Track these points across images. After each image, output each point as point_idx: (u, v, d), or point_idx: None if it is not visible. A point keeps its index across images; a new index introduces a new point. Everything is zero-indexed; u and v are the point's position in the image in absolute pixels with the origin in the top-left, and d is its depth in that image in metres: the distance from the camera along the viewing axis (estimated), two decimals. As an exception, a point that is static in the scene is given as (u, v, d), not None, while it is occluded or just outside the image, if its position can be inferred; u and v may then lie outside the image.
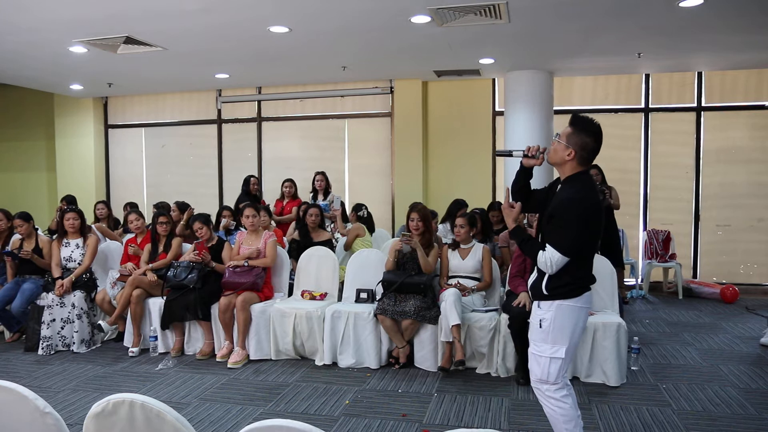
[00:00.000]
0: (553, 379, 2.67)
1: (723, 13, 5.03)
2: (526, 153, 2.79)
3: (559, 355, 2.64)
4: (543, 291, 2.66)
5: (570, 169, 2.65)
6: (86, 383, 4.34)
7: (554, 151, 2.68)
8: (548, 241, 2.59)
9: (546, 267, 2.59)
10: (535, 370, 2.72)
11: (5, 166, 9.86)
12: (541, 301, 2.70)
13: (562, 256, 2.54)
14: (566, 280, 2.61)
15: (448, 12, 5.00)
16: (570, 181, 2.65)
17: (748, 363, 4.63)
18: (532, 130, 7.21)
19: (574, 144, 2.61)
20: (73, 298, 5.14)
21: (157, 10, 4.91)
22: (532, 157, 2.78)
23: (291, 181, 7.36)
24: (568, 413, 2.68)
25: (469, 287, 4.63)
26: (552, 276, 2.62)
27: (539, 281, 2.69)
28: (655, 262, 7.36)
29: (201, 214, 5.26)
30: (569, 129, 2.65)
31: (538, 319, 2.69)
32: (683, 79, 7.72)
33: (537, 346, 2.70)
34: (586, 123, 2.63)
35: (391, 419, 3.61)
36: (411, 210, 4.86)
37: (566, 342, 2.64)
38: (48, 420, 1.71)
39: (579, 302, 2.64)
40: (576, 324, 2.65)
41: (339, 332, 4.66)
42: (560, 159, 2.65)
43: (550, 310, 2.64)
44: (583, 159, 2.64)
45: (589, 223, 2.57)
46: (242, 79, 8.01)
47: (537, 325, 2.69)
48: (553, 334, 2.64)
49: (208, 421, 3.60)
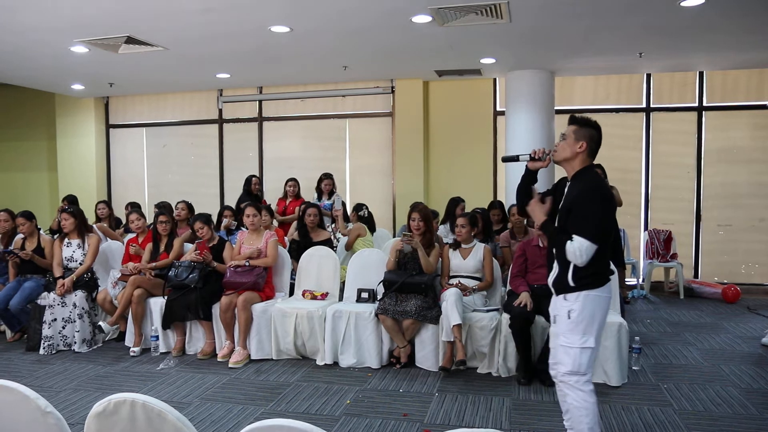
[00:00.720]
0: (584, 369, 2.71)
1: (724, 12, 5.02)
2: (533, 156, 2.92)
3: (589, 345, 2.70)
4: (569, 283, 2.72)
5: (580, 163, 2.79)
6: (87, 383, 4.34)
7: (563, 148, 2.82)
8: (575, 233, 2.65)
9: (576, 257, 2.64)
10: (566, 362, 2.74)
11: (6, 166, 9.87)
12: (566, 293, 2.75)
13: (591, 243, 2.61)
14: (591, 270, 2.68)
15: (449, 12, 5.00)
16: (581, 175, 2.78)
17: (750, 363, 4.62)
18: (533, 129, 7.21)
19: (583, 137, 2.78)
20: (75, 297, 5.15)
21: (158, 9, 4.91)
22: (539, 160, 2.90)
23: (294, 181, 7.35)
24: (592, 406, 2.73)
25: (470, 287, 4.63)
26: (578, 267, 2.68)
27: (564, 274, 2.75)
28: (656, 262, 7.35)
29: (202, 214, 5.27)
30: (574, 126, 2.83)
31: (566, 311, 2.73)
32: (684, 79, 7.71)
33: (566, 338, 2.73)
34: (586, 119, 2.83)
35: (392, 419, 3.61)
36: (412, 210, 4.86)
37: (594, 331, 2.71)
38: (49, 420, 1.71)
39: (604, 291, 2.73)
40: (602, 313, 2.74)
41: (340, 332, 4.66)
42: (571, 153, 2.79)
43: (577, 301, 2.70)
44: (592, 151, 2.80)
45: (607, 210, 2.70)
46: (243, 78, 8.01)
47: (565, 317, 2.73)
48: (582, 324, 2.70)
49: (209, 421, 3.60)
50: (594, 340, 2.71)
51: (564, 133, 2.85)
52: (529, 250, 4.59)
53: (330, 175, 7.21)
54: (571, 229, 2.67)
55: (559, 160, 2.85)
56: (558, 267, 2.81)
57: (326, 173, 7.22)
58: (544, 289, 4.38)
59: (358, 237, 5.93)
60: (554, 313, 2.85)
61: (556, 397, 3.92)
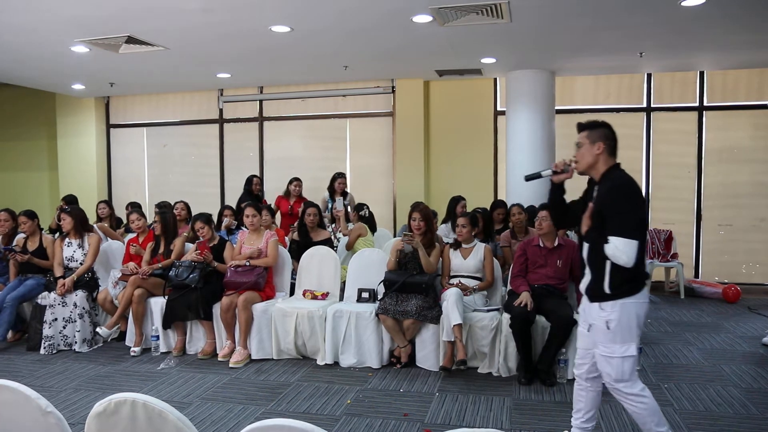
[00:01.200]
0: (628, 377, 2.69)
1: (725, 12, 5.02)
2: (555, 170, 2.90)
3: (630, 353, 2.67)
4: (605, 290, 2.66)
5: (603, 165, 2.75)
6: (88, 383, 4.34)
7: (582, 156, 2.79)
8: (610, 234, 2.60)
9: (617, 258, 2.58)
10: (609, 372, 2.71)
11: (7, 165, 9.88)
12: (602, 302, 2.70)
13: (628, 240, 2.56)
14: (627, 277, 2.63)
15: (449, 11, 5.00)
16: (607, 176, 2.74)
17: (751, 363, 4.62)
18: (533, 129, 7.21)
19: (598, 138, 2.75)
20: (75, 297, 5.15)
21: (159, 9, 4.91)
22: (562, 172, 2.89)
23: (299, 180, 7.31)
24: (651, 405, 2.70)
25: (471, 287, 4.63)
26: (614, 274, 2.63)
27: (599, 282, 2.70)
28: (656, 262, 7.34)
29: (202, 213, 5.26)
30: (585, 132, 2.79)
31: (603, 321, 2.68)
32: (685, 79, 7.71)
33: (606, 348, 2.69)
34: (592, 121, 2.81)
35: (393, 419, 3.61)
36: (413, 210, 4.86)
37: (635, 338, 2.68)
38: (50, 419, 1.71)
39: (641, 298, 2.68)
40: (640, 319, 2.69)
41: (341, 332, 4.66)
42: (592, 158, 2.76)
43: (614, 310, 2.66)
44: (611, 148, 2.76)
45: (636, 204, 2.65)
46: (244, 78, 8.01)
47: (603, 328, 2.68)
48: (621, 333, 2.66)
49: (209, 421, 3.60)
50: (635, 347, 2.67)
51: (578, 142, 2.81)
52: (530, 250, 4.59)
53: (343, 174, 7.16)
54: (607, 231, 2.62)
55: (583, 169, 2.81)
56: (591, 274, 2.76)
57: (339, 172, 7.18)
58: (544, 289, 4.41)
59: (359, 237, 5.93)
60: (590, 321, 2.78)
61: (557, 397, 3.94)
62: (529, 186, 7.07)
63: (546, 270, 4.49)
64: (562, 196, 2.98)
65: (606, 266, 2.66)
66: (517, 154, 7.31)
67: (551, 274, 4.47)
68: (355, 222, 6.16)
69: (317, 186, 8.49)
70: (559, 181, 2.94)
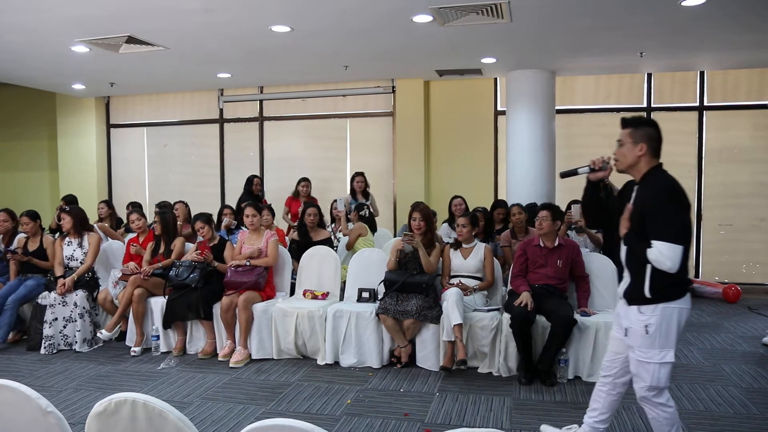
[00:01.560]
0: (663, 384, 2.61)
1: (725, 12, 5.02)
2: (592, 167, 2.81)
3: (668, 360, 2.59)
4: (646, 294, 2.58)
5: (645, 165, 2.65)
6: (88, 382, 4.34)
7: (623, 155, 2.69)
8: (653, 238, 2.50)
9: (661, 263, 2.48)
10: (644, 377, 2.62)
11: (7, 165, 9.88)
12: (641, 305, 2.61)
13: (673, 245, 2.46)
14: (669, 281, 2.54)
15: (449, 11, 5.00)
16: (649, 177, 2.64)
17: (751, 363, 4.62)
18: (534, 129, 7.21)
19: (641, 138, 2.64)
20: (75, 297, 5.15)
21: (159, 9, 4.91)
22: (600, 170, 2.80)
23: (307, 181, 7.25)
24: (673, 416, 2.65)
25: (471, 287, 4.63)
26: (655, 277, 2.55)
27: (638, 285, 2.61)
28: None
29: (202, 213, 5.26)
30: (628, 130, 2.68)
31: (642, 325, 2.59)
32: (685, 79, 7.70)
33: (643, 353, 2.60)
34: (639, 118, 2.70)
35: (393, 419, 3.61)
36: (413, 209, 4.86)
37: (673, 345, 2.59)
38: (50, 419, 1.71)
39: (683, 303, 2.60)
40: (680, 325, 2.60)
41: (341, 332, 4.66)
42: (633, 158, 2.66)
43: (654, 314, 2.57)
44: (654, 150, 2.66)
45: (683, 207, 2.55)
46: (244, 78, 8.01)
47: (642, 332, 2.59)
48: (660, 339, 2.57)
49: (210, 421, 3.60)
50: (673, 354, 2.59)
51: (620, 139, 2.69)
52: (530, 249, 4.59)
53: (360, 173, 7.12)
54: (650, 235, 2.52)
55: (623, 168, 2.71)
56: (630, 276, 2.67)
57: (357, 172, 7.15)
58: (544, 289, 4.41)
59: (359, 237, 5.93)
60: (627, 325, 2.68)
61: (557, 397, 3.94)
62: (530, 186, 7.16)
63: (546, 270, 4.49)
64: (598, 195, 2.87)
65: (646, 269, 2.57)
66: (517, 154, 7.31)
67: (551, 274, 4.47)
68: (355, 222, 6.16)
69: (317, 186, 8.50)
70: (596, 179, 2.84)
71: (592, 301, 4.57)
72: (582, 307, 4.46)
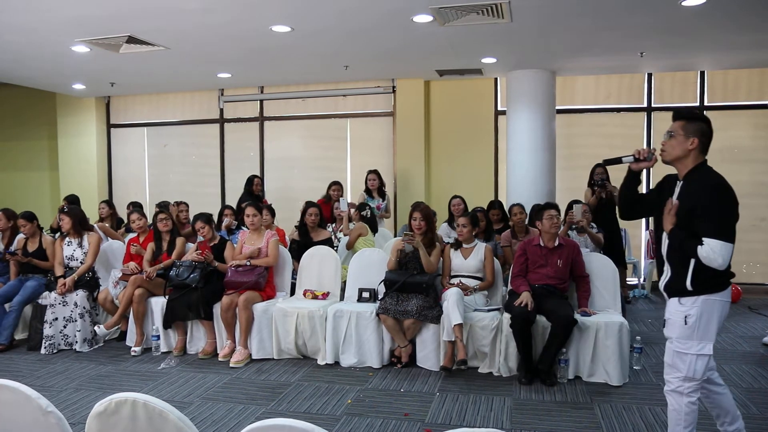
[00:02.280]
0: (699, 376, 2.62)
1: (725, 12, 5.01)
2: (637, 157, 2.78)
3: (706, 352, 2.60)
4: (687, 287, 2.59)
5: (692, 161, 2.66)
6: (89, 382, 4.34)
7: (672, 147, 2.67)
8: (706, 236, 2.49)
9: (712, 260, 2.48)
10: (680, 367, 2.62)
11: (7, 165, 9.87)
12: (682, 297, 2.62)
13: (727, 243, 2.47)
14: (711, 274, 2.54)
15: (450, 11, 4.99)
16: (696, 173, 2.64)
17: (751, 362, 4.62)
18: (534, 129, 7.20)
19: (694, 132, 2.64)
20: (76, 297, 5.15)
21: (160, 9, 4.91)
22: (644, 160, 2.77)
23: (339, 185, 7.05)
24: (693, 416, 2.64)
25: (472, 287, 4.63)
26: (698, 271, 2.55)
27: (680, 278, 2.61)
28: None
29: (203, 213, 5.26)
30: (681, 122, 2.67)
31: (682, 316, 2.60)
32: (686, 79, 7.70)
33: (682, 344, 2.61)
34: (694, 113, 2.71)
35: (394, 419, 3.60)
36: (413, 209, 4.86)
37: (713, 338, 2.60)
38: (50, 419, 1.71)
39: (724, 296, 2.61)
40: (720, 318, 2.61)
41: (341, 332, 4.66)
42: (682, 151, 2.65)
43: (695, 306, 2.58)
44: (704, 146, 2.67)
45: (734, 205, 2.56)
46: (244, 78, 8.01)
47: (681, 322, 2.60)
48: (700, 330, 2.58)
49: (210, 421, 3.60)
50: (711, 347, 2.60)
51: (670, 130, 2.68)
52: (530, 249, 4.59)
53: (374, 171, 7.05)
54: (702, 232, 2.51)
55: (669, 160, 2.69)
56: (671, 270, 2.67)
57: (370, 170, 7.09)
58: (544, 289, 4.41)
59: (360, 237, 5.93)
60: (667, 316, 2.70)
61: (557, 396, 3.94)
62: (530, 186, 7.16)
63: (546, 270, 4.49)
64: (637, 186, 2.86)
65: (690, 264, 2.57)
66: (517, 154, 7.31)
67: (552, 274, 4.47)
68: (357, 222, 6.16)
69: (318, 186, 8.49)
70: (638, 169, 2.80)
71: (592, 301, 4.57)
72: (582, 307, 4.45)
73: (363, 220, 6.16)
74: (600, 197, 6.08)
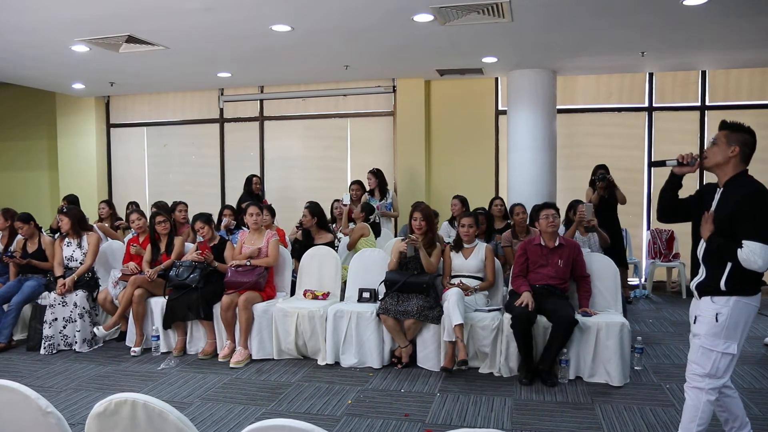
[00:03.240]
0: (721, 374, 2.67)
1: (726, 11, 5.01)
2: (680, 161, 2.85)
3: (731, 351, 2.65)
4: (721, 287, 2.64)
5: (732, 169, 2.75)
6: (88, 383, 4.34)
7: (714, 153, 2.77)
8: (746, 238, 2.56)
9: (752, 262, 2.54)
10: (704, 364, 2.68)
11: (7, 165, 9.87)
12: (714, 296, 2.67)
13: (765, 245, 2.53)
14: (746, 277, 2.61)
15: (450, 11, 4.99)
16: (736, 180, 2.73)
17: (753, 363, 4.61)
18: (535, 129, 7.20)
19: (736, 142, 2.74)
20: (75, 297, 5.14)
21: (159, 9, 4.90)
22: (687, 165, 2.85)
23: (358, 183, 6.97)
24: (708, 416, 2.70)
25: (472, 287, 4.62)
26: (733, 273, 2.62)
27: (714, 278, 2.67)
28: (658, 262, 7.33)
29: (202, 213, 5.25)
30: (725, 131, 2.78)
31: (713, 313, 2.65)
32: (687, 78, 7.69)
33: (708, 340, 2.66)
34: (738, 124, 2.80)
35: (394, 419, 3.60)
36: (414, 209, 4.85)
37: (738, 338, 2.65)
38: (50, 419, 1.70)
39: (754, 300, 2.67)
40: (747, 322, 2.67)
41: (341, 332, 4.65)
42: (723, 158, 2.75)
43: (727, 306, 2.64)
44: (745, 156, 2.76)
45: None
46: (244, 78, 8.00)
47: (711, 319, 2.66)
48: (727, 330, 2.64)
49: (210, 421, 3.59)
50: (736, 347, 2.66)
51: (714, 139, 2.78)
52: (531, 249, 4.58)
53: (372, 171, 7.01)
54: (740, 235, 2.58)
55: (710, 165, 2.79)
56: (705, 271, 2.73)
57: (370, 170, 7.06)
58: (545, 289, 4.40)
59: (362, 237, 5.90)
60: (696, 313, 2.76)
61: (558, 397, 3.93)
62: (530, 186, 7.15)
63: (547, 270, 4.48)
64: (677, 190, 2.94)
65: (726, 266, 2.64)
66: (518, 153, 7.30)
67: (552, 274, 4.46)
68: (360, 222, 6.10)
69: (317, 186, 8.51)
70: (681, 173, 2.89)
71: (593, 301, 4.56)
72: (583, 307, 4.45)
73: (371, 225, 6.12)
74: (602, 197, 6.08)
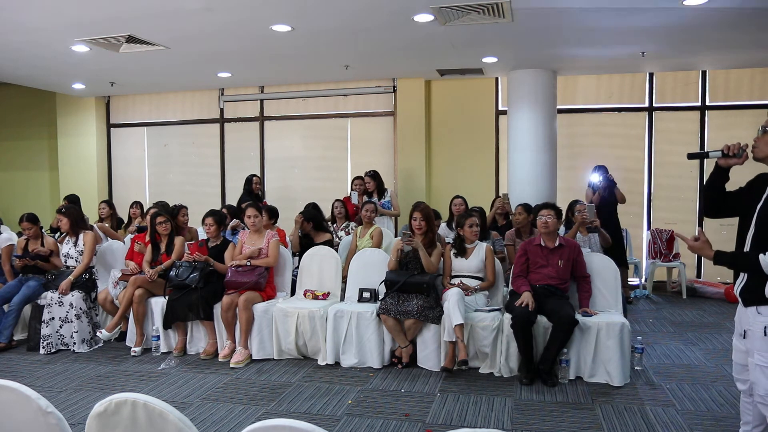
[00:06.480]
0: None
1: (727, 11, 5.00)
2: (726, 152, 2.60)
3: None
4: (766, 294, 2.39)
5: None
6: (88, 383, 4.34)
7: (765, 143, 2.53)
8: None
9: None
10: (762, 382, 2.40)
11: (7, 165, 9.87)
12: (760, 305, 2.42)
13: None
14: None
15: (451, 11, 4.98)
16: None
17: (753, 363, 4.60)
18: (535, 129, 7.19)
19: None
20: (71, 298, 5.14)
21: (160, 9, 4.90)
22: (733, 156, 2.60)
23: (360, 179, 6.98)
24: None
25: (472, 287, 4.62)
26: None
27: (756, 284, 2.42)
28: (658, 262, 7.33)
29: (216, 211, 5.28)
30: None
31: (761, 326, 2.39)
32: (687, 78, 7.69)
33: (762, 356, 2.38)
34: None
35: (394, 419, 3.60)
36: (413, 209, 4.84)
37: None
38: (50, 420, 1.70)
39: None
40: None
41: (342, 332, 4.65)
42: None
43: None
44: None
45: None
46: (245, 78, 8.00)
47: (760, 333, 2.39)
48: None
49: (210, 421, 3.59)
50: None
51: (765, 126, 2.52)
52: (531, 249, 4.58)
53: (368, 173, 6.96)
54: None
55: (761, 157, 2.55)
56: (745, 276, 2.51)
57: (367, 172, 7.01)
58: (546, 289, 4.40)
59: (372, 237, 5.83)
60: (745, 327, 2.50)
61: (558, 397, 3.93)
62: (531, 186, 7.14)
63: (547, 270, 4.48)
64: (724, 184, 2.67)
65: None
66: (518, 153, 7.30)
67: (553, 274, 4.46)
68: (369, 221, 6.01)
69: (317, 186, 8.51)
70: (727, 165, 2.62)
71: (593, 301, 4.56)
72: (583, 308, 4.44)
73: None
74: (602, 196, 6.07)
